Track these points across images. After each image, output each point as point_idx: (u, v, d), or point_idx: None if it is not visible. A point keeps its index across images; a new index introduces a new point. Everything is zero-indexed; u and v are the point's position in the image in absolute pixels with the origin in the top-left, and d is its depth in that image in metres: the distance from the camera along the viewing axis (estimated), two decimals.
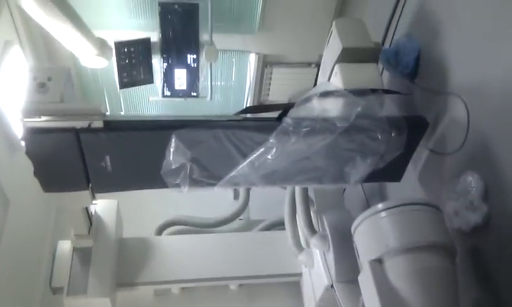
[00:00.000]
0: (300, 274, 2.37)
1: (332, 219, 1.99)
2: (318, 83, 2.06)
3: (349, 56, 1.75)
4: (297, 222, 2.16)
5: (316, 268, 2.14)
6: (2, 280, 2.18)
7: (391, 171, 1.72)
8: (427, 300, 1.38)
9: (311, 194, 2.14)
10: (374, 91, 1.62)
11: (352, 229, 1.59)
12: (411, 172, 1.92)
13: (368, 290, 1.46)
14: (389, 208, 1.48)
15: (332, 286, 1.95)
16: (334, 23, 1.83)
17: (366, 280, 1.46)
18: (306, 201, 2.05)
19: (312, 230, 2.03)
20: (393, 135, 1.57)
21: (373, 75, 1.75)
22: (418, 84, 1.95)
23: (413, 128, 1.65)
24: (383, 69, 2.14)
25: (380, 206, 1.49)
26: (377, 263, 1.45)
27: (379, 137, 1.55)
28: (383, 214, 1.48)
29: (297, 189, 2.07)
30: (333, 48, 1.80)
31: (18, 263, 2.40)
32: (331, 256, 1.93)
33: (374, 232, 1.50)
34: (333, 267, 1.92)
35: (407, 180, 1.86)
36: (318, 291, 2.11)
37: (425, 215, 1.49)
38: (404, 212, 1.48)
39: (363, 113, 1.54)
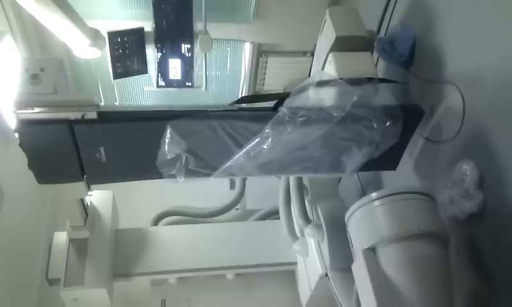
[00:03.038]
0: (296, 263, 2.38)
1: (326, 208, 1.99)
2: (312, 72, 2.06)
3: (342, 45, 1.74)
4: (292, 212, 2.17)
5: (311, 257, 2.14)
6: None
7: (386, 160, 1.72)
8: (420, 289, 1.39)
9: (306, 183, 2.15)
10: (369, 79, 1.62)
11: (345, 218, 1.60)
12: (407, 160, 1.93)
13: (361, 279, 1.46)
14: (382, 197, 1.49)
15: (326, 274, 1.96)
16: (328, 11, 1.82)
17: (359, 268, 1.47)
18: (301, 190, 2.06)
19: (307, 219, 2.04)
20: (388, 124, 1.57)
21: (367, 63, 1.74)
22: (413, 73, 1.95)
23: (409, 117, 1.65)
24: (378, 58, 2.14)
25: (373, 195, 1.50)
26: (371, 251, 1.46)
27: (375, 126, 1.55)
28: (376, 203, 1.49)
29: (292, 178, 2.07)
30: (326, 37, 1.79)
31: (14, 255, 2.40)
32: (325, 245, 1.94)
33: (368, 221, 1.51)
34: (327, 256, 1.93)
35: (402, 169, 1.86)
36: (312, 280, 2.12)
37: (418, 203, 1.49)
38: (397, 201, 1.48)
39: (359, 102, 1.53)
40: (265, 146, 1.52)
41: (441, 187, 1.70)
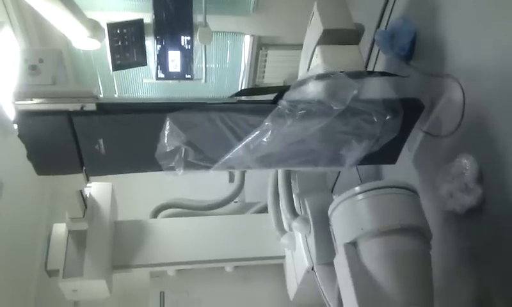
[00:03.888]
0: None
1: (314, 201, 1.97)
2: (300, 65, 2.04)
3: (330, 38, 1.72)
4: (280, 206, 2.16)
5: (298, 251, 2.14)
6: None
7: (386, 154, 1.72)
8: (400, 283, 1.39)
9: (294, 177, 2.14)
10: (370, 73, 1.61)
11: (329, 212, 1.60)
12: (406, 154, 1.93)
13: (342, 273, 1.47)
14: (365, 191, 1.49)
15: (313, 268, 1.96)
16: (315, 4, 1.80)
17: (340, 263, 1.47)
18: (289, 184, 2.05)
19: (294, 213, 2.03)
20: (388, 117, 1.57)
21: (355, 57, 1.72)
22: (414, 67, 1.94)
23: (409, 111, 1.64)
24: (378, 51, 2.13)
25: (356, 189, 1.50)
26: (352, 246, 1.47)
27: (375, 119, 1.55)
28: (359, 197, 1.49)
29: (280, 172, 2.06)
30: (314, 29, 1.78)
31: (13, 246, 2.40)
32: (312, 239, 1.93)
33: (350, 215, 1.51)
34: (313, 250, 1.92)
35: (402, 163, 1.86)
36: (299, 274, 2.12)
37: (400, 198, 1.49)
38: (379, 195, 1.48)
39: (359, 96, 1.53)
40: (264, 139, 1.52)
41: (440, 181, 1.70)
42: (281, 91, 1.58)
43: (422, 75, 1.88)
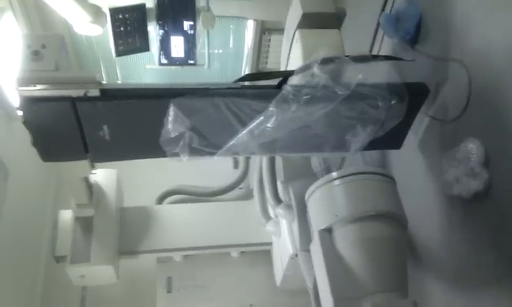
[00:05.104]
0: None
1: (298, 188, 1.95)
2: (282, 49, 2.01)
3: (309, 22, 1.69)
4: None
5: (282, 238, 2.15)
6: (5, 251, 2.20)
7: (391, 139, 1.71)
8: (374, 270, 1.40)
9: (280, 163, 2.13)
10: (375, 57, 1.59)
11: (305, 198, 1.59)
12: (412, 139, 1.92)
13: (317, 260, 1.47)
14: (339, 178, 1.49)
15: (297, 255, 1.96)
16: None
17: (315, 250, 1.48)
18: (273, 170, 2.04)
19: (278, 200, 2.03)
20: (393, 102, 1.55)
21: (335, 41, 1.69)
22: (419, 50, 1.92)
23: (414, 95, 1.63)
24: (383, 35, 2.11)
25: (331, 175, 1.50)
26: (327, 232, 1.47)
27: (380, 104, 1.53)
28: (334, 183, 1.49)
29: (264, 159, 2.05)
30: (294, 12, 1.75)
31: (20, 233, 2.42)
32: (295, 226, 1.93)
33: (325, 201, 1.51)
34: (297, 236, 1.92)
35: (407, 148, 1.85)
36: (284, 261, 2.13)
37: (375, 184, 1.49)
38: (354, 181, 1.48)
39: (364, 80, 1.51)
40: (269, 125, 1.51)
41: (446, 166, 1.69)
42: (285, 76, 1.57)
43: (428, 58, 1.86)
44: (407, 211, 1.54)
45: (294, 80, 1.54)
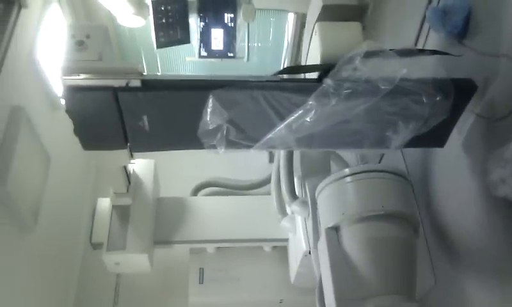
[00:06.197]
0: None
1: (314, 184, 1.88)
2: (303, 42, 1.95)
3: (330, 14, 1.65)
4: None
5: (297, 235, 2.11)
6: (45, 236, 2.27)
7: (434, 136, 1.66)
8: (380, 271, 1.35)
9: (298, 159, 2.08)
10: (421, 51, 1.54)
11: (316, 196, 1.55)
12: (456, 137, 1.84)
13: (322, 257, 1.44)
14: (349, 175, 1.45)
15: (310, 252, 1.92)
16: None
17: (321, 248, 1.44)
18: (290, 165, 2.00)
19: (293, 196, 1.99)
20: (438, 98, 1.50)
21: (355, 35, 1.64)
22: (467, 45, 1.84)
23: (460, 92, 1.57)
24: (429, 29, 2.04)
25: (340, 172, 1.46)
26: (334, 230, 1.44)
27: (424, 100, 1.48)
28: (343, 181, 1.45)
29: (282, 153, 2.02)
30: (315, 4, 1.70)
31: (59, 219, 2.49)
32: (310, 222, 1.89)
33: (333, 199, 1.48)
34: (311, 233, 1.88)
35: (451, 146, 1.79)
36: (298, 257, 2.10)
37: (386, 183, 1.44)
38: (363, 179, 1.44)
39: (408, 75, 1.46)
40: (307, 119, 1.48)
41: (492, 166, 1.62)
42: (326, 69, 1.54)
43: (476, 54, 1.78)
44: (449, 210, 1.49)
45: (335, 74, 1.50)
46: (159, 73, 3.36)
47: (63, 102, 1.46)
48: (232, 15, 2.50)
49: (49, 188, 2.27)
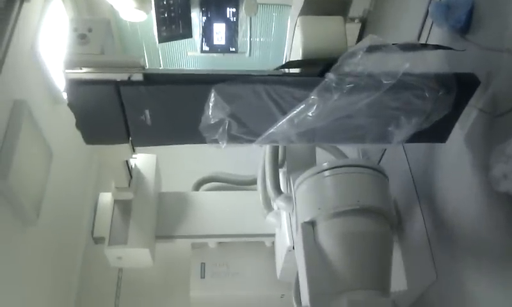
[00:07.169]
0: None
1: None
2: (287, 35, 1.93)
3: (313, 8, 1.63)
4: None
5: (282, 230, 2.10)
6: (47, 229, 2.28)
7: (436, 131, 1.65)
8: (353, 266, 1.36)
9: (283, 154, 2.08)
10: (423, 46, 1.53)
11: (293, 191, 1.55)
12: (458, 132, 1.84)
13: (299, 252, 1.44)
14: (327, 169, 1.44)
15: (293, 247, 1.90)
16: None
17: (298, 242, 1.44)
18: (275, 161, 2.00)
19: (278, 191, 1.98)
20: (441, 93, 1.49)
21: (337, 29, 1.63)
22: (470, 40, 1.84)
23: (463, 87, 1.56)
24: (432, 23, 2.03)
25: (317, 167, 1.46)
26: (310, 225, 1.43)
27: (427, 95, 1.47)
28: (319, 175, 1.44)
29: (267, 149, 2.01)
30: None
31: (61, 213, 2.50)
32: (294, 218, 1.89)
33: (310, 193, 1.48)
34: (294, 229, 1.85)
35: (453, 141, 1.78)
36: (283, 253, 2.09)
37: (362, 178, 1.44)
38: (339, 174, 1.44)
39: (411, 70, 1.46)
40: (309, 114, 1.48)
41: (494, 162, 1.61)
42: (328, 63, 1.53)
43: (479, 49, 1.78)
44: (450, 204, 1.49)
45: (337, 68, 1.50)
46: (161, 68, 3.35)
47: (65, 95, 1.46)
48: (234, 10, 2.49)
49: (51, 182, 2.27)
